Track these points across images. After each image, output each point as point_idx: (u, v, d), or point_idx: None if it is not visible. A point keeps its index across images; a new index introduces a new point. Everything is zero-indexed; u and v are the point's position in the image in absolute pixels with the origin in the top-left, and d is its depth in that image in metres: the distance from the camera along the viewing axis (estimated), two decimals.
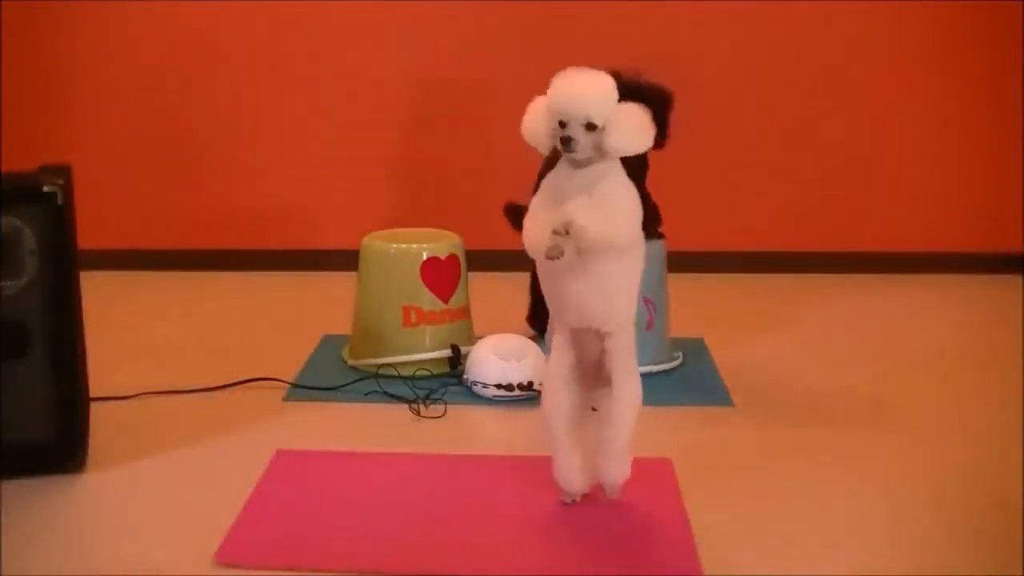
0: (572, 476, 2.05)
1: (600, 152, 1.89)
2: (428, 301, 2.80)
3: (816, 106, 3.86)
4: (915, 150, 3.89)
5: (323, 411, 2.61)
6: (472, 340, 2.84)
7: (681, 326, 3.04)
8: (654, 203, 2.99)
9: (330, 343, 3.04)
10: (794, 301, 3.59)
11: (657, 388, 2.75)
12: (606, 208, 1.87)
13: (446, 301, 2.82)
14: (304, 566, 1.87)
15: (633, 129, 1.89)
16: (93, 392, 2.29)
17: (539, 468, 2.15)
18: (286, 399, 2.67)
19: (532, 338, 2.79)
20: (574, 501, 2.07)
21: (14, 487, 2.14)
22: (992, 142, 3.85)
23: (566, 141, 1.86)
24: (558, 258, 1.84)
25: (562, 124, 1.87)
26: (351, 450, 2.36)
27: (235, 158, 3.91)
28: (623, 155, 1.91)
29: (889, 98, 3.85)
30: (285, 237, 3.95)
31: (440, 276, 2.82)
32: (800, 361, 2.99)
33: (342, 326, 2.99)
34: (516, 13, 3.78)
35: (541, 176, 2.99)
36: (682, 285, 3.22)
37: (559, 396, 2.01)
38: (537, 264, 1.98)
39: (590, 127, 1.86)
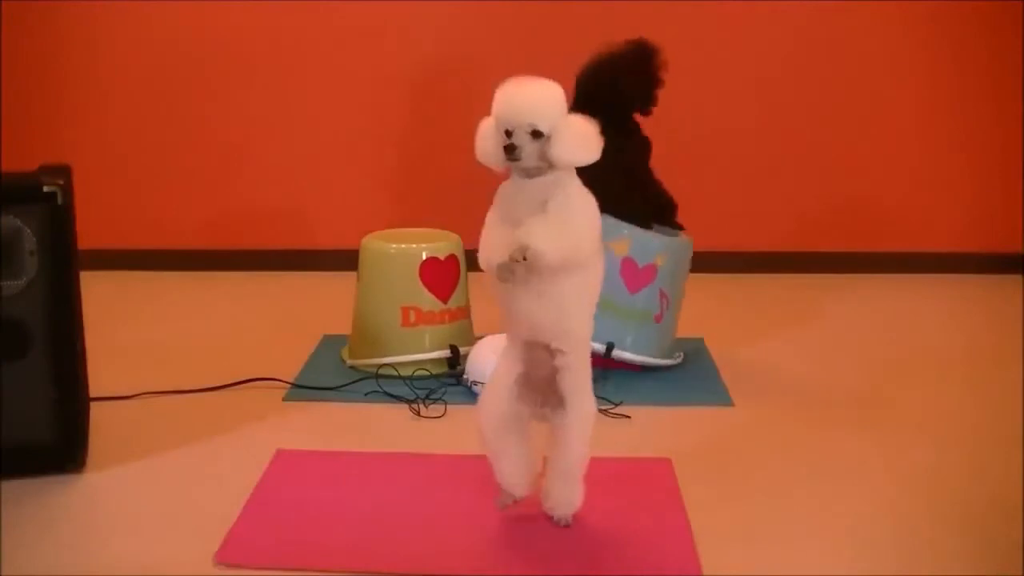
0: (509, 478, 2.00)
1: (546, 161, 1.83)
2: (427, 301, 2.80)
3: (816, 107, 3.86)
4: (915, 150, 3.89)
5: (323, 411, 2.61)
6: (471, 340, 2.85)
7: (681, 326, 3.04)
8: (667, 194, 2.99)
9: (330, 343, 3.04)
10: (794, 301, 3.59)
11: (657, 388, 2.75)
12: (562, 224, 1.82)
13: (445, 301, 2.82)
14: (304, 566, 1.87)
15: (579, 139, 1.84)
16: (93, 392, 2.29)
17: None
18: (286, 399, 2.67)
19: None
20: (505, 506, 2.03)
21: (14, 487, 2.15)
22: (992, 142, 3.85)
23: (510, 149, 1.80)
24: (510, 280, 1.80)
25: (508, 133, 1.82)
26: (351, 450, 2.37)
27: (235, 158, 3.91)
28: (569, 166, 1.85)
29: (889, 98, 3.85)
30: (285, 237, 3.95)
31: (439, 276, 2.82)
32: (800, 361, 2.99)
33: (342, 326, 2.99)
34: (517, 12, 3.78)
35: None
36: None
37: (497, 404, 1.95)
38: (490, 276, 1.91)
39: (536, 135, 1.81)
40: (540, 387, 1.94)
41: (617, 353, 2.77)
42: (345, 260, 3.10)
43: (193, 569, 1.86)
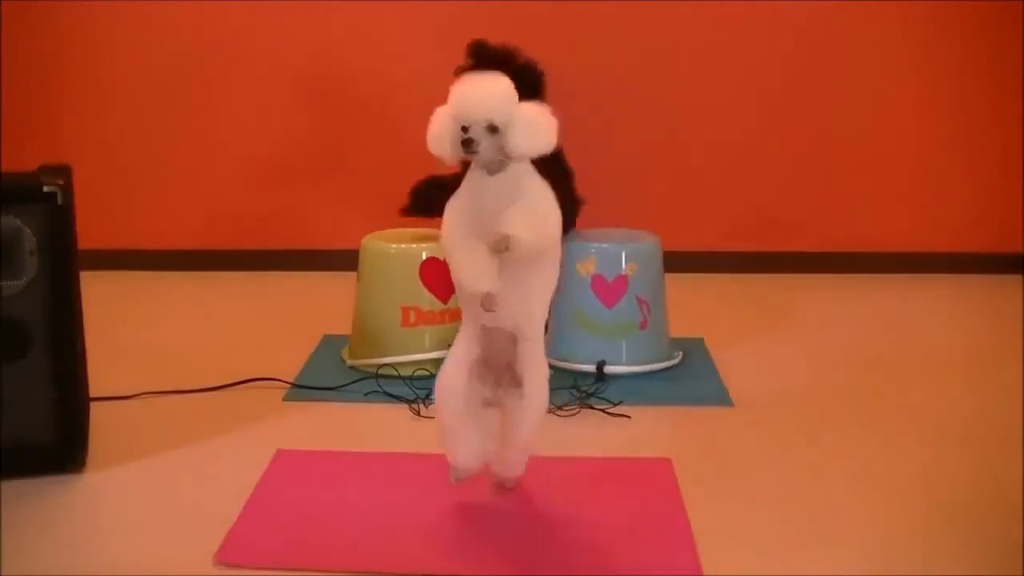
0: (463, 455, 2.05)
1: (504, 154, 1.87)
2: (427, 301, 2.80)
3: (815, 106, 3.86)
4: (915, 150, 3.89)
5: (323, 411, 2.61)
6: None
7: (680, 326, 3.04)
8: (578, 198, 2.99)
9: (330, 343, 3.04)
10: (794, 301, 3.59)
11: (657, 388, 2.75)
12: (536, 214, 1.88)
13: (445, 301, 2.82)
14: (304, 566, 1.87)
15: (536, 129, 1.87)
16: (93, 392, 2.29)
17: (538, 468, 2.15)
18: (286, 399, 2.67)
19: None
20: (459, 481, 2.08)
21: (14, 487, 2.14)
22: (992, 142, 3.85)
23: (467, 143, 1.84)
24: (491, 309, 1.85)
25: (464, 129, 1.85)
26: (351, 450, 2.36)
27: (235, 158, 3.91)
28: (527, 156, 1.89)
29: (889, 98, 3.85)
30: (285, 237, 3.95)
31: (439, 276, 2.82)
32: (799, 361, 2.99)
33: (342, 326, 2.99)
34: (518, 12, 3.78)
35: None
36: (682, 285, 3.23)
37: (453, 384, 2.00)
38: (451, 261, 1.93)
39: (492, 129, 1.84)
40: (496, 369, 1.99)
41: (612, 369, 2.78)
42: (345, 260, 3.10)
43: (193, 569, 1.86)
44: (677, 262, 3.26)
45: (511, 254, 1.83)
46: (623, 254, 2.84)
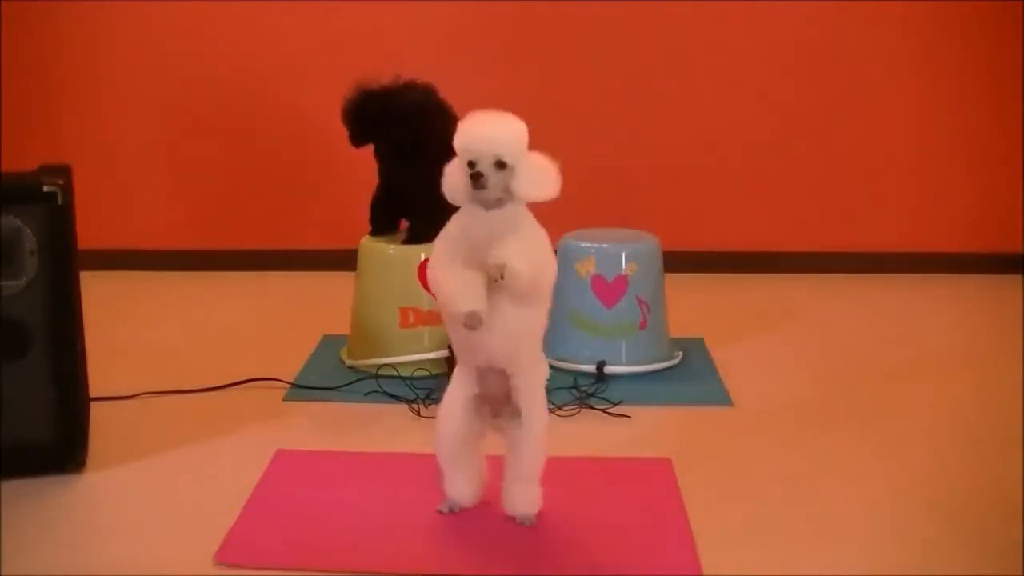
0: (460, 490, 2.04)
1: (508, 193, 1.87)
2: (426, 302, 2.80)
3: (816, 106, 3.86)
4: (915, 150, 3.89)
5: (323, 411, 2.61)
6: None
7: (681, 326, 3.04)
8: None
9: (330, 343, 3.04)
10: (794, 301, 3.59)
11: (657, 388, 2.75)
12: (533, 250, 1.87)
13: None
14: (304, 566, 1.87)
15: (543, 175, 1.88)
16: (93, 392, 2.29)
17: None
18: (286, 399, 2.67)
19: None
20: (452, 511, 2.06)
21: (14, 487, 2.15)
22: (992, 143, 3.84)
23: (477, 177, 1.83)
24: (476, 328, 1.83)
25: (471, 164, 1.85)
26: (351, 450, 2.36)
27: (235, 158, 3.91)
28: (529, 198, 1.89)
29: (889, 98, 3.85)
30: (285, 237, 3.95)
31: None
32: (799, 361, 2.99)
33: (342, 326, 2.99)
34: (520, 12, 3.78)
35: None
36: (681, 285, 3.23)
37: (454, 423, 1.99)
38: (446, 313, 1.93)
39: (500, 165, 1.84)
40: (494, 402, 1.99)
41: (612, 369, 2.78)
42: (345, 260, 3.10)
43: (193, 569, 1.86)
44: (677, 262, 3.26)
45: (507, 283, 1.82)
46: (623, 254, 2.84)
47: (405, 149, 2.81)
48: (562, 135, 3.72)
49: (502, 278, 1.81)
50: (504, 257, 1.82)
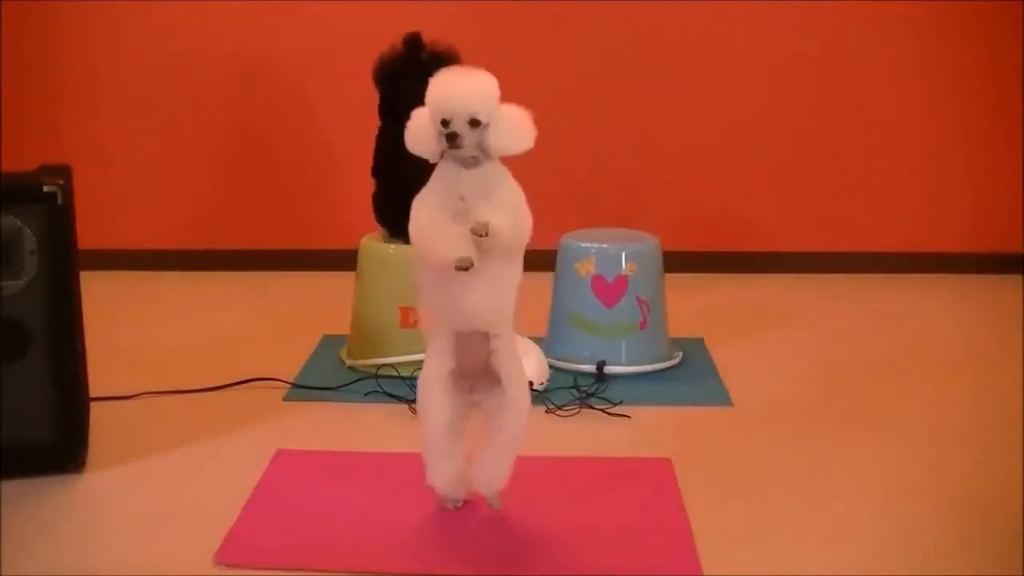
0: (448, 479, 2.02)
1: (484, 151, 1.86)
2: None
3: (816, 106, 3.86)
4: (915, 150, 3.89)
5: (323, 411, 2.61)
6: None
7: (681, 326, 3.04)
8: None
9: (330, 343, 3.04)
10: (794, 301, 3.59)
11: (657, 388, 2.75)
12: (513, 208, 1.87)
13: None
14: (304, 566, 1.87)
15: (516, 128, 1.87)
16: (93, 392, 2.29)
17: (538, 468, 2.15)
18: (286, 399, 2.67)
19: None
20: (456, 507, 2.05)
21: (14, 487, 2.14)
22: (992, 142, 3.85)
23: (452, 137, 1.82)
24: (468, 269, 1.82)
25: (444, 123, 1.84)
26: (351, 450, 2.36)
27: (234, 158, 3.91)
28: (506, 154, 1.89)
29: (889, 98, 3.85)
30: (285, 237, 3.95)
31: None
32: (799, 361, 2.99)
33: (342, 326, 2.99)
34: (519, 12, 3.78)
35: None
36: (682, 285, 3.23)
37: (439, 403, 1.97)
38: (426, 269, 1.93)
39: (474, 123, 1.83)
40: (471, 374, 1.97)
41: (612, 369, 2.78)
42: (345, 260, 3.10)
43: (193, 569, 1.86)
44: (677, 262, 3.26)
45: (490, 242, 1.82)
46: (623, 255, 2.84)
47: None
48: (562, 135, 3.73)
49: (486, 235, 1.81)
50: (487, 214, 1.82)
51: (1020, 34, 3.73)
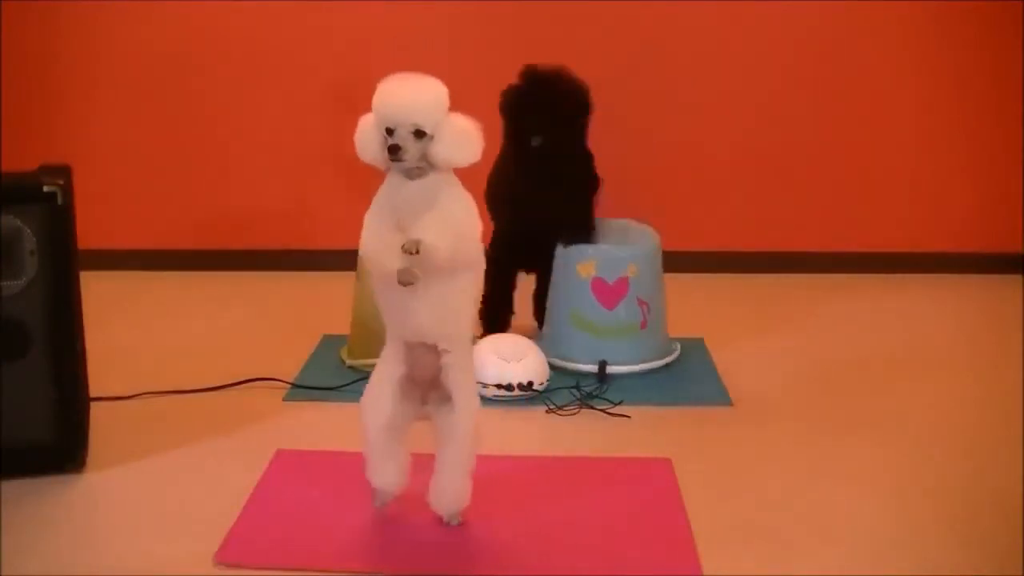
0: (388, 479, 2.01)
1: (429, 162, 1.82)
2: None
3: (816, 106, 3.86)
4: (915, 150, 3.89)
5: (323, 411, 2.61)
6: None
7: (680, 326, 3.04)
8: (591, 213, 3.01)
9: (330, 343, 3.04)
10: (794, 301, 3.59)
11: (656, 388, 2.75)
12: (452, 223, 1.82)
13: None
14: (304, 566, 1.87)
15: (462, 140, 1.82)
16: (93, 392, 2.29)
17: (537, 468, 2.15)
18: (286, 399, 2.67)
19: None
20: (384, 504, 2.05)
21: (14, 487, 2.15)
22: (992, 142, 3.84)
23: (394, 149, 1.78)
24: (411, 283, 1.79)
25: (389, 132, 1.80)
26: (351, 450, 2.36)
27: (235, 158, 3.91)
28: (452, 166, 1.84)
29: (889, 98, 3.85)
30: (285, 237, 3.95)
31: None
32: (799, 361, 2.99)
33: (342, 326, 2.99)
34: (519, 11, 3.78)
35: (492, 182, 3.04)
36: (681, 285, 3.22)
37: (380, 405, 1.96)
38: (375, 278, 1.92)
39: (419, 134, 1.79)
40: (422, 385, 1.95)
41: (613, 369, 2.78)
42: (345, 260, 3.09)
43: (193, 569, 1.86)
44: (677, 262, 3.26)
45: (422, 259, 1.77)
46: (624, 257, 2.84)
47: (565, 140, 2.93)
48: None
49: (417, 252, 1.77)
50: (419, 232, 1.78)
51: (1020, 34, 3.73)
